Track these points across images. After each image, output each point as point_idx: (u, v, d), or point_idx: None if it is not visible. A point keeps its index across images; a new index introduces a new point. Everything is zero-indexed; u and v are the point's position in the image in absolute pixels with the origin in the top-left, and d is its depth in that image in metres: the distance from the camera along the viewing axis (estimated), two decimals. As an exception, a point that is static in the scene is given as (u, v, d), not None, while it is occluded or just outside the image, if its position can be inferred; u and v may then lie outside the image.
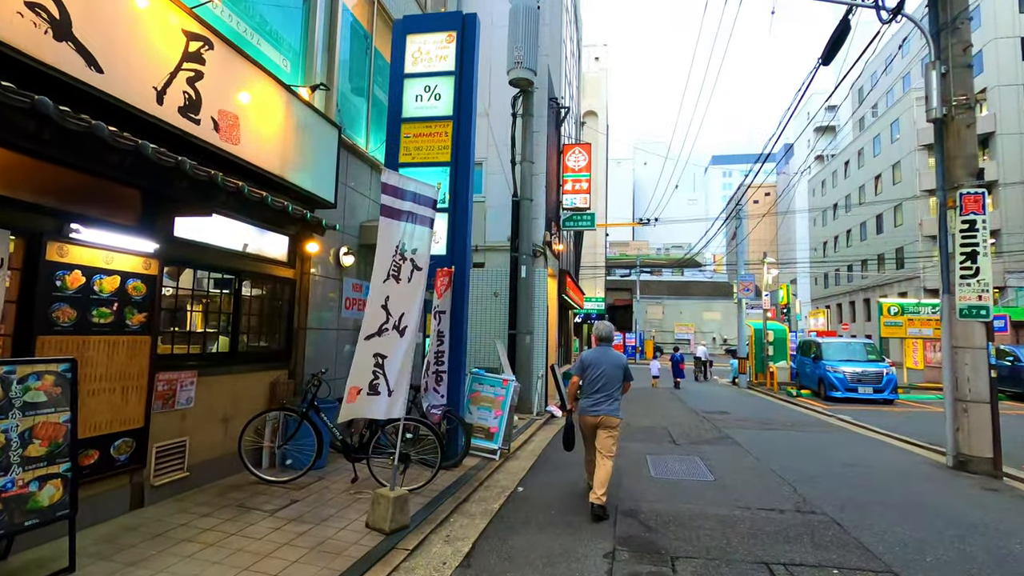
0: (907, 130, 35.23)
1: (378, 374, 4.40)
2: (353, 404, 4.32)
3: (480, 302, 12.03)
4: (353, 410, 4.34)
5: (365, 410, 4.40)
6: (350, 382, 4.30)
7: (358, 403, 4.34)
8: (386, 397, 4.46)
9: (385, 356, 4.44)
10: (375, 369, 4.39)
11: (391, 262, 4.36)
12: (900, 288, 35.55)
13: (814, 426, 10.52)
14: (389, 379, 4.44)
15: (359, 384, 4.34)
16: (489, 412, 7.29)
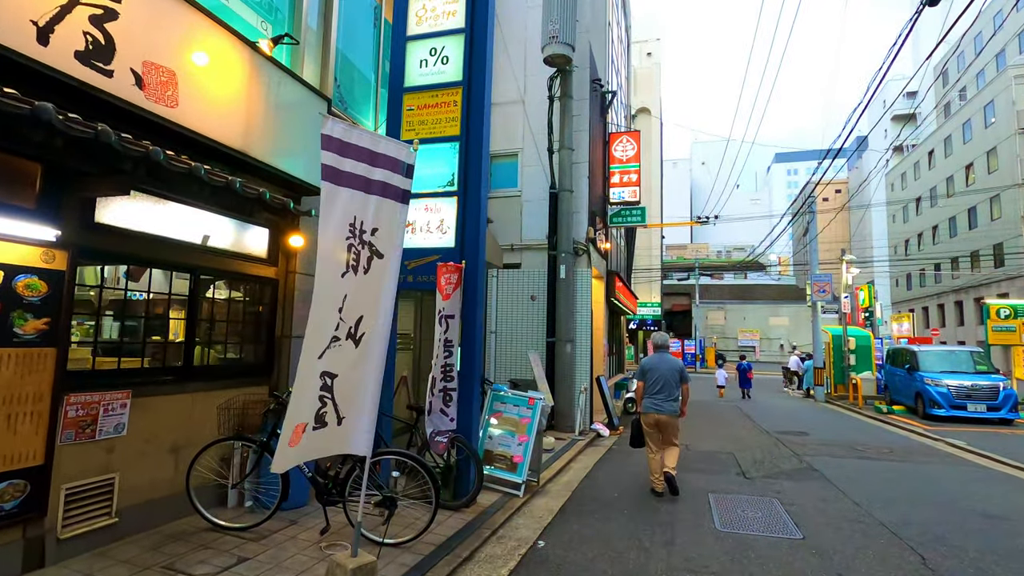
0: (1004, 112, 31.23)
1: (325, 400, 3.21)
2: (296, 448, 3.13)
3: (516, 307, 10.76)
4: (295, 455, 3.15)
5: (311, 451, 3.21)
6: (290, 418, 3.12)
7: (303, 444, 3.15)
8: (335, 428, 3.26)
9: (335, 375, 3.24)
10: (322, 394, 3.20)
11: (339, 246, 3.16)
12: (999, 289, 31.40)
13: (919, 454, 8.54)
14: (339, 404, 3.24)
15: (303, 418, 3.15)
16: (512, 437, 5.99)
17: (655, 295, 33.20)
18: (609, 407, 10.37)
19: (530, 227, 10.91)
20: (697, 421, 11.92)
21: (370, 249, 3.29)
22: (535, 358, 8.35)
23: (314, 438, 3.19)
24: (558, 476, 6.80)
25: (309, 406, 3.14)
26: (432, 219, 5.62)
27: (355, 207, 3.16)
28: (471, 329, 5.46)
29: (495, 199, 11.23)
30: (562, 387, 9.70)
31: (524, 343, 10.52)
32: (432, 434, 5.09)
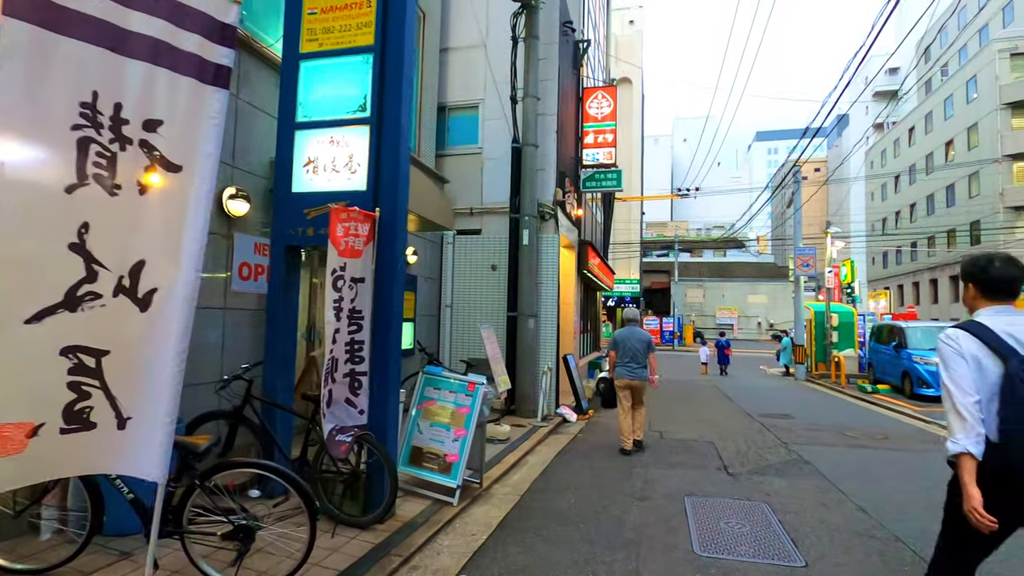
0: (987, 88, 30.48)
1: (87, 388, 1.95)
2: (15, 460, 1.87)
3: (475, 278, 9.53)
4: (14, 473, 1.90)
5: (53, 466, 1.97)
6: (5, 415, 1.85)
7: (32, 455, 1.89)
8: (112, 434, 2.02)
9: (103, 351, 1.98)
10: (76, 379, 1.93)
11: (53, 137, 1.84)
12: (975, 266, 31.02)
13: (916, 440, 7.60)
14: (119, 397, 2.00)
15: (36, 416, 1.89)
16: (447, 431, 4.80)
17: (634, 271, 32.19)
18: (577, 389, 9.26)
19: (492, 188, 9.62)
20: (675, 403, 10.91)
21: (147, 153, 2.00)
22: (488, 334, 7.16)
23: (61, 446, 1.94)
24: (508, 474, 5.65)
25: (44, 396, 1.88)
26: (339, 155, 4.31)
27: (97, 75, 1.85)
28: (387, 296, 4.22)
29: (452, 157, 9.91)
30: (524, 367, 8.54)
31: (483, 318, 9.30)
32: (332, 432, 3.87)
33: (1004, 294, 2.23)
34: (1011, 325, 2.11)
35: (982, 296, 2.27)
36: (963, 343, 2.13)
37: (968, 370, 2.08)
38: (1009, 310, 2.21)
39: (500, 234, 9.32)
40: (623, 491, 4.99)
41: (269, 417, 4.27)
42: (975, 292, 2.30)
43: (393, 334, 4.22)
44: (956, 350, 2.13)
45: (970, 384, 2.07)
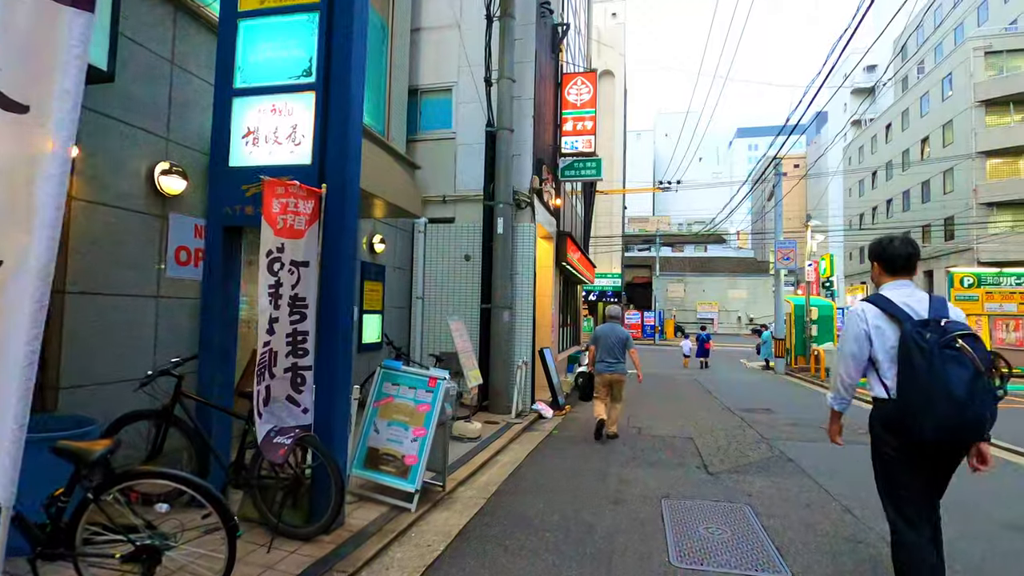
0: (962, 85, 30.80)
1: None
2: None
3: (447, 269, 9.11)
4: None
5: None
6: None
7: None
8: None
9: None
10: None
11: None
12: (949, 261, 31.45)
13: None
14: None
15: None
16: (405, 431, 4.40)
17: (615, 266, 32.00)
18: (554, 384, 8.91)
19: (465, 175, 9.19)
20: (654, 398, 10.64)
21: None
22: (458, 327, 6.76)
23: None
24: (476, 476, 5.27)
25: None
26: (281, 125, 3.85)
27: None
28: (335, 282, 3.78)
29: (425, 142, 9.46)
30: (497, 362, 8.16)
31: (456, 310, 8.89)
32: (270, 433, 3.45)
33: (903, 269, 2.55)
34: (908, 297, 2.44)
35: (885, 272, 2.59)
36: (868, 315, 2.47)
37: (861, 347, 2.48)
38: (907, 283, 2.51)
39: (474, 223, 8.91)
40: (597, 493, 4.65)
41: (204, 418, 3.82)
42: (879, 269, 2.63)
43: (342, 324, 3.79)
44: (860, 321, 2.48)
45: (857, 369, 2.55)
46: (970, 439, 2.27)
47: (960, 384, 2.15)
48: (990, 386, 2.21)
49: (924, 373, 2.22)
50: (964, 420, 2.17)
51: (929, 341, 2.24)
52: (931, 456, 2.36)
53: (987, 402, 2.19)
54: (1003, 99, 29.27)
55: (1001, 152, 29.37)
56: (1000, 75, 29.61)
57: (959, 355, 2.20)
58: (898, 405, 2.34)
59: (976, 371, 2.17)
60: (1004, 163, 29.82)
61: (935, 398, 2.18)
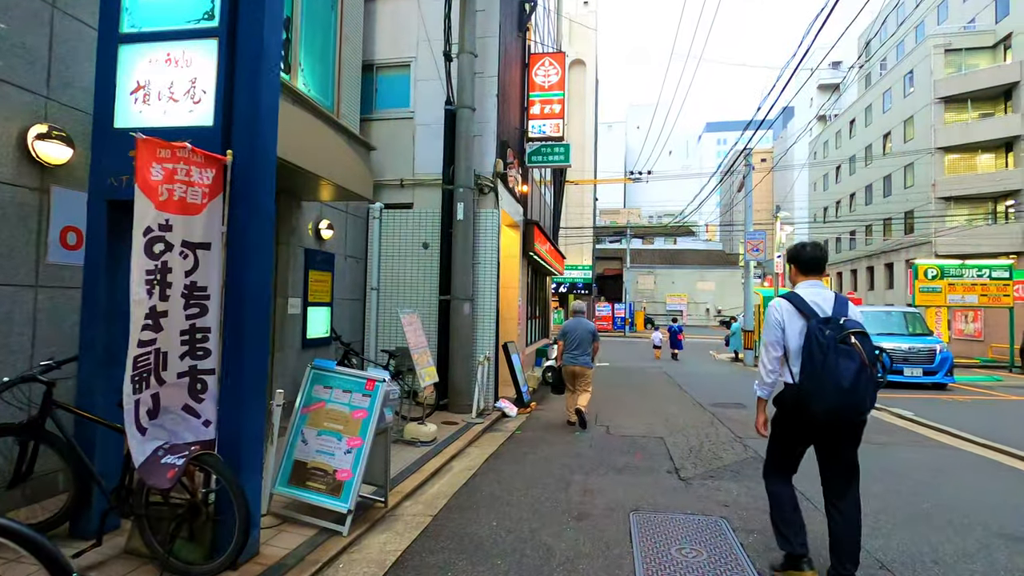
0: (922, 82, 31.38)
1: None
2: None
3: (405, 258, 8.48)
4: None
5: None
6: None
7: None
8: None
9: None
10: None
11: None
12: (908, 255, 32.17)
13: (872, 431, 7.03)
14: None
15: None
16: (338, 441, 3.80)
17: (586, 257, 31.70)
18: (519, 380, 8.40)
19: (425, 158, 8.54)
20: (624, 391, 10.24)
21: None
22: (410, 320, 6.16)
23: None
24: (425, 487, 4.71)
25: None
26: (177, 79, 3.18)
27: None
28: (243, 269, 3.15)
29: (380, 122, 8.77)
30: (457, 357, 7.59)
31: (414, 302, 8.28)
32: (157, 452, 2.82)
33: (813, 271, 2.94)
34: (817, 296, 2.79)
35: (799, 273, 2.98)
36: (783, 309, 2.82)
37: (778, 338, 2.81)
38: (817, 283, 2.87)
39: (434, 209, 8.28)
40: (559, 506, 4.14)
41: (85, 433, 3.16)
42: (795, 270, 3.02)
43: (254, 318, 3.17)
44: (777, 316, 2.83)
45: (776, 360, 2.86)
46: (853, 420, 2.71)
47: (848, 375, 2.53)
48: (873, 376, 2.60)
49: (820, 365, 2.59)
50: (848, 405, 2.59)
51: (827, 337, 2.61)
52: (820, 432, 2.83)
53: (869, 390, 2.59)
54: (961, 96, 29.90)
55: (959, 148, 30.04)
56: (959, 73, 30.24)
57: (851, 350, 2.58)
58: (799, 390, 2.72)
59: (862, 364, 2.56)
60: (961, 159, 30.54)
61: (827, 387, 2.57)
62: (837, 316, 2.71)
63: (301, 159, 5.15)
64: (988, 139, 29.08)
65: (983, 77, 29.22)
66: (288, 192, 6.32)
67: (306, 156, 5.24)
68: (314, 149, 5.47)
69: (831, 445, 2.86)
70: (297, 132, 5.16)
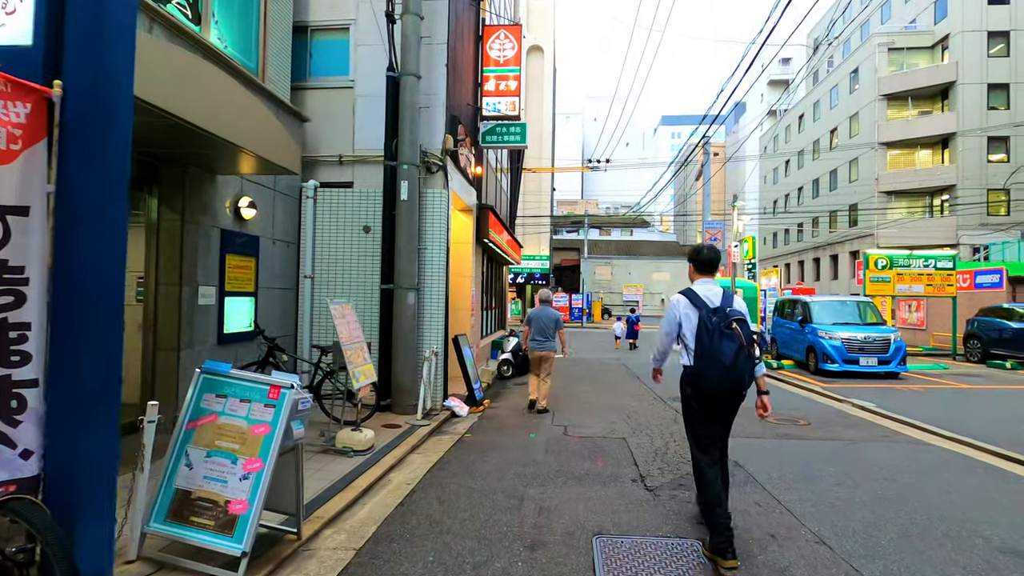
0: (867, 80, 32.30)
1: None
2: None
3: (344, 243, 7.63)
4: None
5: None
6: None
7: None
8: None
9: None
10: None
11: None
12: (852, 246, 33.26)
13: (839, 425, 6.82)
14: None
15: None
16: (232, 464, 3.01)
17: (544, 247, 31.22)
18: (470, 377, 7.70)
19: (367, 132, 7.68)
20: (583, 385, 9.71)
21: None
22: (343, 311, 5.36)
23: None
24: (355, 507, 3.97)
25: None
26: (-18, -19, 2.30)
27: None
28: (81, 245, 2.31)
29: (316, 91, 7.85)
30: (401, 352, 6.83)
31: (353, 292, 7.45)
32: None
33: (708, 270, 3.46)
34: (708, 291, 3.31)
35: (696, 271, 3.49)
36: (681, 302, 3.33)
37: (673, 326, 3.36)
38: (710, 281, 3.42)
39: (377, 188, 7.44)
40: (510, 530, 3.49)
41: None
42: (693, 269, 3.52)
43: (94, 311, 2.34)
44: (676, 308, 3.35)
45: (668, 343, 3.53)
46: (735, 393, 3.13)
47: (729, 355, 3.02)
48: (751, 355, 3.08)
49: (707, 347, 3.07)
50: (731, 379, 3.06)
51: (714, 323, 3.08)
52: (714, 405, 3.22)
53: (747, 367, 3.07)
54: (903, 94, 30.92)
55: (900, 144, 31.11)
56: (900, 71, 31.23)
57: (732, 334, 3.05)
58: (694, 369, 3.19)
59: (741, 345, 3.05)
60: (902, 154, 31.65)
61: (713, 365, 3.06)
62: (723, 307, 3.19)
63: (212, 123, 4.26)
64: (927, 136, 30.22)
65: (922, 76, 30.27)
66: (198, 162, 5.38)
67: (218, 120, 4.35)
68: (230, 113, 4.58)
69: (720, 414, 3.30)
70: (208, 92, 4.28)
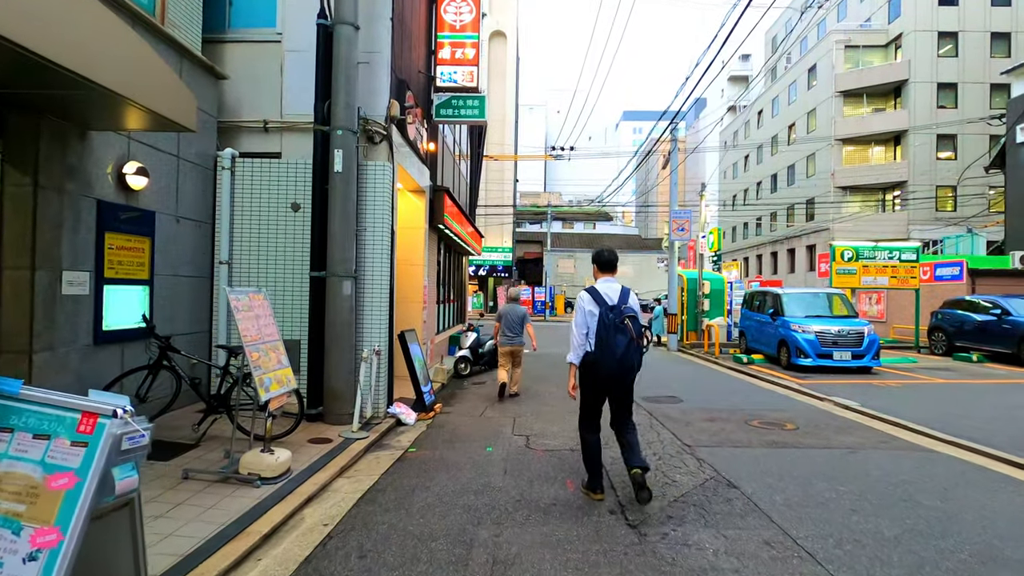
0: (825, 76, 32.60)
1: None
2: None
3: (269, 222, 6.48)
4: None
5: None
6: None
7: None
8: None
9: None
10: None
11: None
12: (808, 241, 33.67)
13: (830, 429, 6.13)
14: None
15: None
16: (14, 536, 1.93)
17: (507, 239, 30.28)
18: (418, 378, 6.68)
19: (298, 94, 6.51)
20: (545, 388, 8.81)
21: None
22: (248, 302, 4.25)
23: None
24: (244, 564, 2.92)
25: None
26: None
27: None
28: None
29: (236, 45, 6.66)
30: (335, 352, 5.75)
31: (279, 281, 6.32)
32: None
33: (609, 269, 4.04)
34: (609, 289, 3.85)
35: (599, 271, 4.07)
36: (585, 299, 3.83)
37: (584, 321, 3.79)
38: (611, 280, 3.97)
39: (309, 160, 6.30)
40: (451, 599, 2.52)
41: None
42: (596, 269, 4.11)
43: None
44: (582, 304, 3.83)
45: (583, 337, 3.79)
46: (625, 377, 3.78)
47: (621, 347, 3.66)
48: (639, 346, 3.77)
49: (605, 339, 3.68)
50: (622, 367, 3.69)
51: (611, 319, 3.70)
52: (607, 385, 3.80)
53: (635, 357, 3.75)
54: (858, 91, 31.33)
55: (855, 140, 31.56)
56: (856, 68, 31.63)
57: (624, 328, 3.69)
58: (593, 357, 3.74)
59: (631, 339, 3.70)
60: (857, 150, 32.14)
61: (607, 354, 3.67)
62: (619, 304, 3.73)
63: (75, 59, 3.12)
64: (880, 132, 30.72)
65: (876, 74, 30.72)
66: (62, 112, 4.16)
67: (86, 57, 3.21)
68: (109, 55, 3.43)
69: (616, 395, 3.84)
70: (75, 23, 3.13)
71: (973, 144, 28.75)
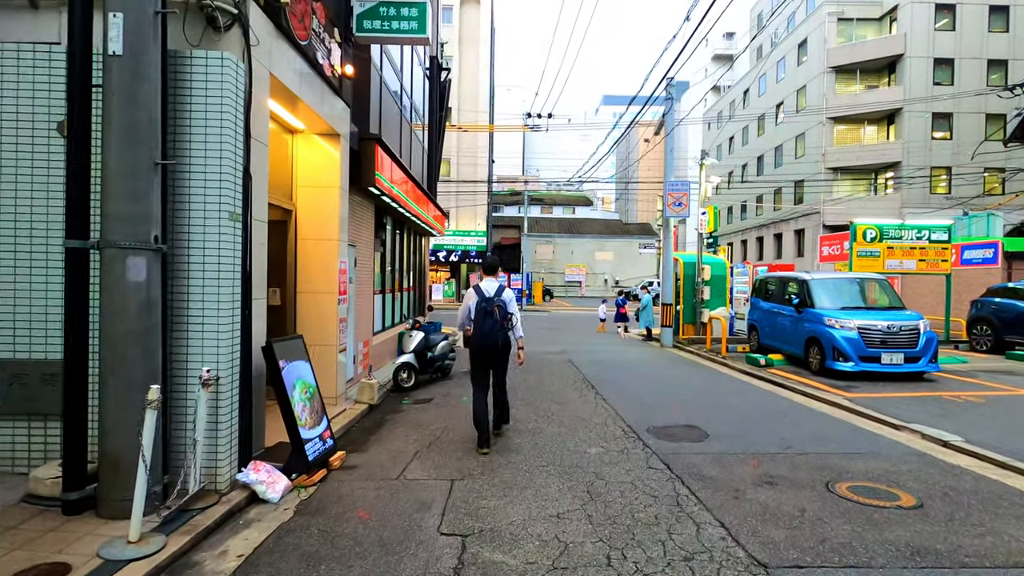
0: (816, 51, 30.36)
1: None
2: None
3: (23, 149, 3.65)
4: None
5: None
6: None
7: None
8: None
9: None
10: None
11: None
12: (797, 225, 31.68)
13: (961, 500, 3.70)
14: None
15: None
16: None
17: (480, 222, 27.58)
18: (296, 417, 4.02)
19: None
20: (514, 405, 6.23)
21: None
22: None
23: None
24: None
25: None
26: None
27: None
28: None
29: None
30: (113, 383, 3.06)
31: (35, 250, 3.58)
32: None
33: (492, 272, 5.24)
34: (489, 286, 5.00)
35: (485, 273, 5.26)
36: (472, 294, 5.00)
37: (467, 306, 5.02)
38: (492, 280, 5.12)
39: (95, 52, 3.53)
40: None
41: None
42: (482, 271, 5.39)
43: None
44: (469, 301, 5.02)
45: (464, 318, 5.05)
46: (492, 349, 4.90)
47: (487, 328, 4.85)
48: (502, 327, 4.90)
49: (477, 322, 4.88)
50: (488, 342, 4.87)
51: (482, 307, 4.89)
52: (482, 356, 4.93)
53: (499, 335, 4.88)
54: (851, 67, 29.19)
55: (847, 119, 29.48)
56: (849, 42, 29.46)
57: (492, 313, 4.85)
58: (473, 334, 4.92)
59: (495, 321, 4.86)
60: (848, 130, 30.09)
61: (479, 333, 4.86)
62: (493, 297, 4.93)
63: None
64: (873, 111, 28.69)
65: (870, 48, 28.60)
66: None
67: None
68: None
69: (491, 364, 5.00)
70: None
71: (968, 124, 26.90)
